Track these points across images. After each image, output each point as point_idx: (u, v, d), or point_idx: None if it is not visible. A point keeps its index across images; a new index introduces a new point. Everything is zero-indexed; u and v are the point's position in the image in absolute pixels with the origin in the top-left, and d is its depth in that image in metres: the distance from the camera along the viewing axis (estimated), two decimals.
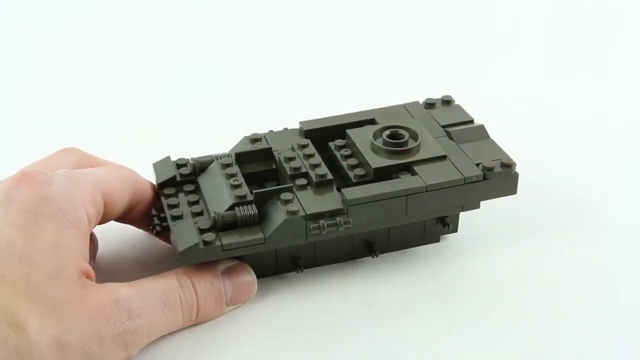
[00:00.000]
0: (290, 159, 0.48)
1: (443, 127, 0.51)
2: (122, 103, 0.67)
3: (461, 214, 0.49)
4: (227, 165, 0.48)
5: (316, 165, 0.47)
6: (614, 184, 0.56)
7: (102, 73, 0.72)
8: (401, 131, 0.49)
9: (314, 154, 0.48)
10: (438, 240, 0.50)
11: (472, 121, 0.52)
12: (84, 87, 0.70)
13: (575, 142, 0.61)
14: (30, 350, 0.37)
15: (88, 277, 0.41)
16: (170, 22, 0.81)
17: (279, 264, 0.47)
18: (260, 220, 0.45)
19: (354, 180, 0.47)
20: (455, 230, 0.50)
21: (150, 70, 0.72)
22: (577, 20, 0.80)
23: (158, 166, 0.49)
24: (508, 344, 0.44)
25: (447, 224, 0.49)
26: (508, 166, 0.47)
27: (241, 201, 0.45)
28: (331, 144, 0.50)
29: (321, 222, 0.44)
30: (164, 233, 0.46)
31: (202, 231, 0.44)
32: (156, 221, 0.46)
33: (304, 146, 0.49)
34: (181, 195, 0.47)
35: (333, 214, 0.45)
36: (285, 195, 0.45)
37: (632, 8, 0.81)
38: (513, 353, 0.43)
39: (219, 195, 0.46)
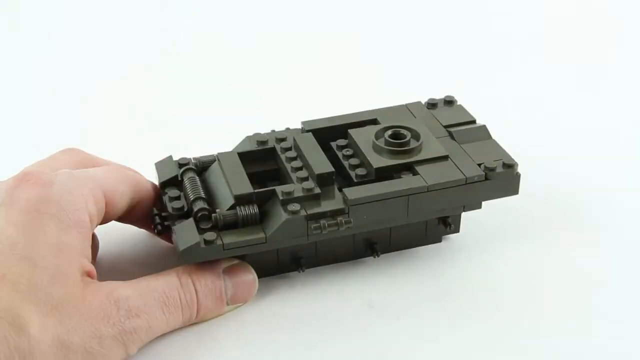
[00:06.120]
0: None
1: (445, 127, 0.51)
2: (124, 103, 0.67)
3: (463, 214, 0.49)
4: None
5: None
6: (615, 185, 0.56)
7: (103, 73, 0.72)
8: (403, 131, 0.49)
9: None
10: (440, 241, 0.50)
11: (474, 121, 0.52)
12: (84, 87, 0.70)
13: (576, 143, 0.61)
14: (31, 350, 0.37)
15: (90, 276, 0.41)
16: (171, 21, 0.81)
17: (280, 264, 0.47)
18: (261, 219, 0.45)
19: (355, 180, 0.47)
20: (457, 230, 0.50)
21: (151, 70, 0.72)
22: (578, 21, 0.79)
23: (160, 166, 0.49)
24: (509, 344, 0.43)
25: (448, 224, 0.49)
26: (510, 166, 0.47)
27: (242, 200, 0.45)
28: (333, 144, 0.50)
29: (322, 221, 0.44)
30: (165, 232, 0.46)
31: (203, 230, 0.44)
32: (157, 220, 0.46)
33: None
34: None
35: (334, 213, 0.44)
36: (286, 195, 0.45)
37: (633, 10, 0.80)
38: (514, 353, 0.43)
39: (221, 194, 0.46)
